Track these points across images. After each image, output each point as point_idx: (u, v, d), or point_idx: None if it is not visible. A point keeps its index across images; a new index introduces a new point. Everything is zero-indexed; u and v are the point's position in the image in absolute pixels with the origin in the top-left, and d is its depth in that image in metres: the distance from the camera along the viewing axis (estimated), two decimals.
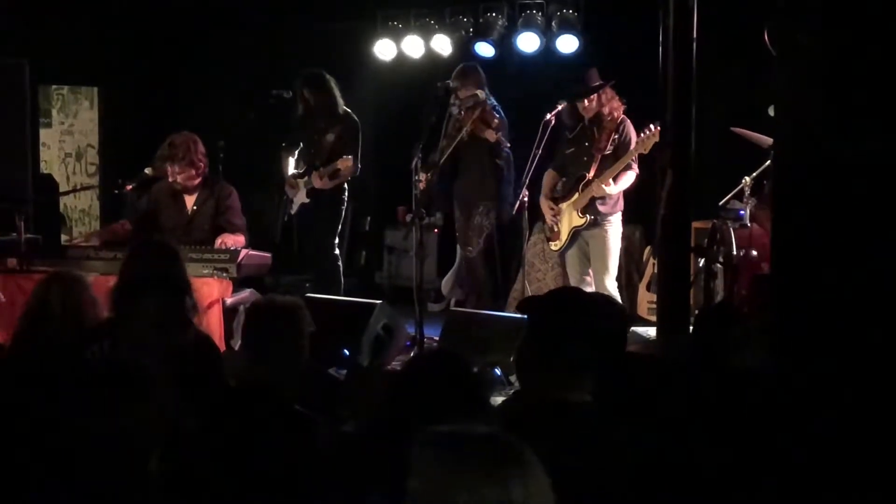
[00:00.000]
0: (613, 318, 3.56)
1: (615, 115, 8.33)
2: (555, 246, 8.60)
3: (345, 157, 8.80)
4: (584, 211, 8.30)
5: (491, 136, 8.95)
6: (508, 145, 9.09)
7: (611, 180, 8.19)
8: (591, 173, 8.25)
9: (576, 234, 8.44)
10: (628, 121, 8.32)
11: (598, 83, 8.33)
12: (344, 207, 9.22)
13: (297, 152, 9.40)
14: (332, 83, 9.18)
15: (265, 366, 4.28)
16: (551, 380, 3.40)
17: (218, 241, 7.74)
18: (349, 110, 9.22)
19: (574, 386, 3.39)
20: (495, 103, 9.05)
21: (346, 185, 9.16)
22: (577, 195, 8.33)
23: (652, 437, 3.47)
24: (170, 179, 7.93)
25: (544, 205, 8.57)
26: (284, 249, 9.33)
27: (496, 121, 8.95)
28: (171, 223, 8.02)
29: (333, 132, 9.10)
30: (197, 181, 7.98)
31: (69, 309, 5.06)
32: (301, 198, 9.22)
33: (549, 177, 8.60)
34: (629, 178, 8.26)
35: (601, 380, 3.41)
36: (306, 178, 9.17)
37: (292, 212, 9.32)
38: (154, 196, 8.14)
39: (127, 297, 4.91)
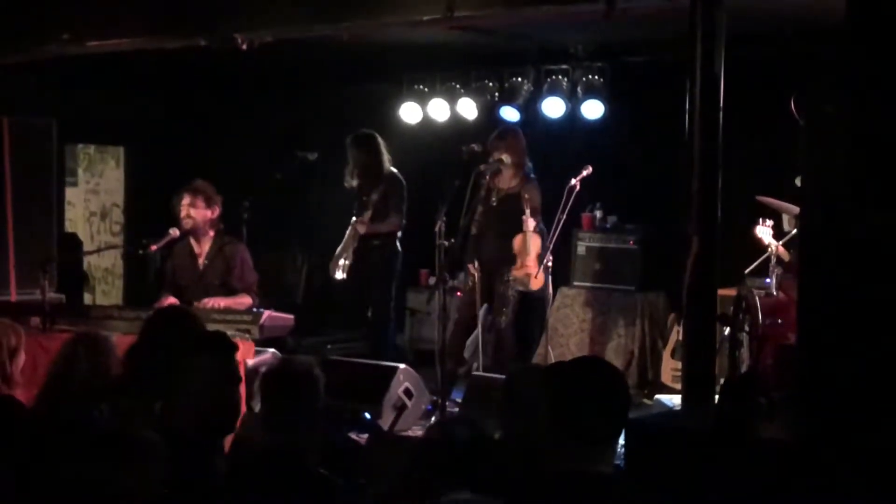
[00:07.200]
0: (625, 389, 3.53)
1: None
2: None
3: None
4: None
5: (527, 203, 8.73)
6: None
7: None
8: None
9: None
10: None
11: None
12: (397, 262, 9.35)
13: None
14: (379, 142, 9.27)
15: (286, 430, 4.24)
16: (574, 450, 3.35)
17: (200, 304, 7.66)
18: (395, 170, 9.27)
19: (597, 457, 3.34)
20: (531, 170, 8.92)
21: (398, 243, 9.23)
22: None
23: None
24: (182, 214, 7.89)
25: None
26: (305, 311, 9.30)
27: (526, 197, 8.75)
28: (185, 280, 8.04)
29: (378, 192, 9.15)
30: (210, 231, 7.97)
31: (96, 368, 5.06)
32: (339, 275, 9.24)
33: None
34: None
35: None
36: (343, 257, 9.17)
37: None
38: (174, 256, 8.16)
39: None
